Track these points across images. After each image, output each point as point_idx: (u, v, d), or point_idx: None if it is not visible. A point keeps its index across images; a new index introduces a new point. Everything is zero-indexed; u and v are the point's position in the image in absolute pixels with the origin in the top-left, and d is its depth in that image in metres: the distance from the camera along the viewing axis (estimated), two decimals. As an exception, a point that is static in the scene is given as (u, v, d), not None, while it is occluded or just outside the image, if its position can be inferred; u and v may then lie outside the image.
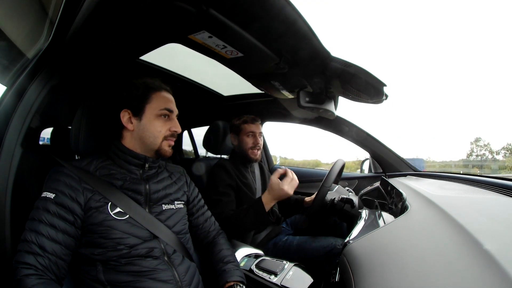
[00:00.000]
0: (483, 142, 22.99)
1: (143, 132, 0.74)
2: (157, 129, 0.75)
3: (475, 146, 23.16)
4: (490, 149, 22.59)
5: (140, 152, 0.75)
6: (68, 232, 0.62)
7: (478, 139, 23.13)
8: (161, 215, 0.74)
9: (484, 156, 22.56)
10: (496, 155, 22.01)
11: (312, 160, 24.98)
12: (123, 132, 0.76)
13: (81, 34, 0.65)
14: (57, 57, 0.74)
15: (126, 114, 0.74)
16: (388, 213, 0.85)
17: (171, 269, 0.69)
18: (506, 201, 0.65)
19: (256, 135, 1.29)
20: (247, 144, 1.28)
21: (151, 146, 0.75)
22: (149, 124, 0.74)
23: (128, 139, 0.76)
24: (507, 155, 22.31)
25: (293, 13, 0.60)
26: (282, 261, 0.85)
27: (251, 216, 1.00)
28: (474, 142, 23.25)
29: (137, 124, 0.74)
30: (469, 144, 23.68)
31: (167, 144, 0.77)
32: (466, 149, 25.74)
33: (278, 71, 0.89)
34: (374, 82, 0.81)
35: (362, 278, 0.42)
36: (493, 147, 22.44)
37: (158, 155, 0.77)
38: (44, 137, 1.79)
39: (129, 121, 0.74)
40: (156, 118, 0.75)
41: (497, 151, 22.10)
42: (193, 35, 0.69)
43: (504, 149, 23.14)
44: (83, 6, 0.57)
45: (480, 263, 0.36)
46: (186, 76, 1.36)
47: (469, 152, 23.63)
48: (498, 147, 22.04)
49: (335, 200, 1.09)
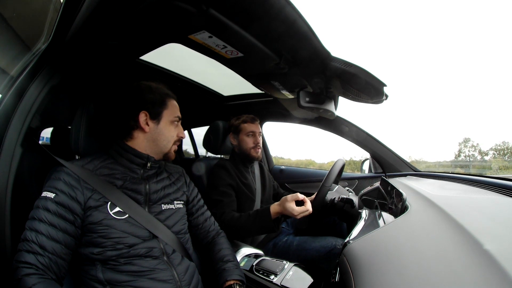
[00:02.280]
0: (471, 143, 22.95)
1: (158, 135, 0.77)
2: (171, 134, 0.79)
3: (463, 146, 23.12)
4: (480, 150, 22.53)
5: (144, 153, 0.76)
6: (68, 231, 0.62)
7: (467, 140, 23.08)
8: (160, 214, 0.74)
9: (473, 157, 22.52)
10: (485, 156, 21.96)
11: (305, 160, 24.91)
12: (134, 133, 0.76)
13: (81, 34, 0.65)
14: (57, 57, 0.74)
15: (143, 115, 0.75)
16: (388, 213, 0.85)
17: (171, 269, 0.69)
18: (506, 201, 0.65)
19: (256, 134, 1.29)
20: (248, 144, 1.28)
21: (163, 149, 0.78)
22: (165, 128, 0.78)
23: (139, 140, 0.76)
24: (496, 156, 22.25)
25: (293, 13, 0.60)
26: (282, 261, 0.85)
27: (257, 223, 0.99)
28: (462, 143, 23.22)
29: (153, 127, 0.76)
30: (458, 145, 23.65)
31: (174, 148, 0.82)
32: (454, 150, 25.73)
33: (278, 71, 0.89)
34: (374, 82, 0.81)
35: (362, 278, 0.42)
36: (483, 147, 22.41)
37: (165, 158, 0.81)
38: (44, 137, 1.79)
39: (146, 122, 0.75)
40: (171, 123, 0.79)
41: (486, 151, 22.04)
42: (193, 35, 0.69)
43: (492, 149, 23.04)
44: (83, 6, 0.57)
45: (480, 263, 0.36)
46: (186, 76, 1.37)
47: (457, 153, 23.60)
48: (487, 147, 22.01)
49: (335, 200, 1.09)
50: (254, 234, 1.03)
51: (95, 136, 0.80)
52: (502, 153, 20.70)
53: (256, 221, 0.99)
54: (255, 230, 1.01)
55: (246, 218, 1.01)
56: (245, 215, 1.03)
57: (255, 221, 0.99)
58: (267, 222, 0.97)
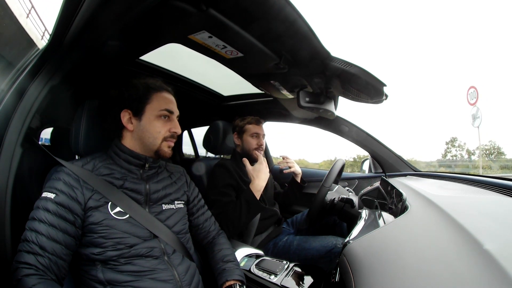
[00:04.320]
0: (458, 143, 22.98)
1: (142, 133, 0.74)
2: (156, 130, 0.74)
3: (450, 146, 23.14)
4: (467, 149, 22.56)
5: (140, 152, 0.75)
6: (68, 232, 0.62)
7: (454, 139, 23.10)
8: (160, 214, 0.74)
9: (460, 156, 22.53)
10: (472, 156, 21.99)
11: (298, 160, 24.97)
12: (123, 132, 0.76)
13: (81, 34, 0.65)
14: (57, 57, 0.74)
15: (126, 114, 0.74)
16: (388, 213, 0.85)
17: (171, 268, 0.69)
18: (506, 201, 0.65)
19: (260, 136, 1.30)
20: (251, 145, 1.29)
21: (150, 146, 0.75)
22: (148, 124, 0.74)
23: (128, 139, 0.75)
24: (482, 155, 22.26)
25: (293, 13, 0.60)
26: (282, 261, 0.85)
27: (244, 205, 1.02)
28: (450, 142, 23.25)
29: (137, 125, 0.74)
30: (445, 144, 23.68)
31: (166, 145, 0.77)
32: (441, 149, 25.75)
33: (278, 71, 0.89)
34: (374, 82, 0.81)
35: (362, 278, 0.42)
36: (470, 147, 22.48)
37: (157, 156, 0.77)
38: (44, 137, 1.79)
39: (129, 121, 0.74)
40: (156, 118, 0.75)
41: (473, 150, 22.06)
42: (193, 35, 0.69)
43: (478, 149, 23.08)
44: (83, 6, 0.57)
45: (480, 263, 0.36)
46: (186, 76, 1.36)
47: (444, 153, 23.66)
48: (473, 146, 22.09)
49: (335, 200, 1.09)
50: (246, 219, 1.04)
51: (95, 136, 0.80)
52: (489, 152, 20.77)
53: (242, 203, 1.02)
54: (244, 213, 1.03)
55: (233, 206, 1.05)
56: (232, 204, 1.06)
57: (241, 204, 1.02)
58: (252, 199, 1.02)
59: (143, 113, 0.74)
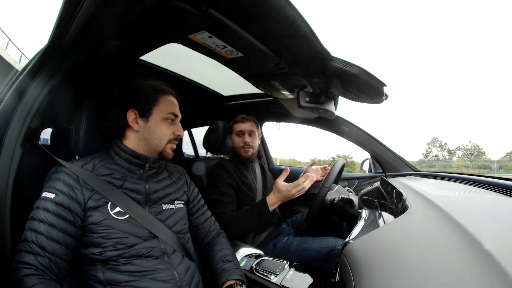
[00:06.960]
0: (439, 143, 23.19)
1: (148, 134, 0.75)
2: (162, 132, 0.76)
3: (432, 146, 23.35)
4: (448, 149, 22.76)
5: (142, 153, 0.75)
6: (68, 231, 0.62)
7: (435, 140, 23.31)
8: (160, 214, 0.74)
9: (442, 156, 22.70)
10: (452, 155, 22.19)
11: (289, 160, 24.97)
12: (127, 132, 0.76)
13: (81, 34, 0.65)
14: (57, 57, 0.74)
15: (132, 114, 0.74)
16: (388, 213, 0.85)
17: (171, 268, 0.69)
18: (506, 201, 0.65)
19: (245, 133, 1.28)
20: (238, 143, 1.28)
21: (155, 148, 0.76)
22: (155, 126, 0.75)
23: (132, 139, 0.76)
24: (463, 155, 22.40)
25: (293, 13, 0.60)
26: (282, 261, 0.85)
27: (255, 216, 1.00)
28: (431, 143, 23.44)
29: (143, 125, 0.75)
30: (426, 144, 23.94)
31: (170, 147, 0.78)
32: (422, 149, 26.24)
33: (278, 71, 0.89)
34: (374, 82, 0.81)
35: (362, 278, 0.42)
36: (450, 147, 22.85)
37: (160, 157, 0.78)
38: (44, 137, 1.79)
39: (135, 121, 0.74)
40: (163, 121, 0.76)
41: (453, 150, 22.24)
42: (193, 35, 0.69)
43: (458, 149, 23.24)
44: (82, 6, 0.57)
45: (480, 263, 0.35)
46: (186, 76, 1.36)
47: (425, 153, 23.86)
48: (454, 146, 22.42)
49: (335, 200, 1.09)
50: (253, 229, 1.03)
51: (95, 136, 0.80)
52: (469, 152, 20.99)
53: (254, 213, 1.00)
54: (254, 224, 1.01)
55: (244, 213, 1.02)
56: (243, 211, 1.03)
57: (253, 214, 1.00)
58: (265, 213, 0.98)
59: (150, 114, 0.75)
